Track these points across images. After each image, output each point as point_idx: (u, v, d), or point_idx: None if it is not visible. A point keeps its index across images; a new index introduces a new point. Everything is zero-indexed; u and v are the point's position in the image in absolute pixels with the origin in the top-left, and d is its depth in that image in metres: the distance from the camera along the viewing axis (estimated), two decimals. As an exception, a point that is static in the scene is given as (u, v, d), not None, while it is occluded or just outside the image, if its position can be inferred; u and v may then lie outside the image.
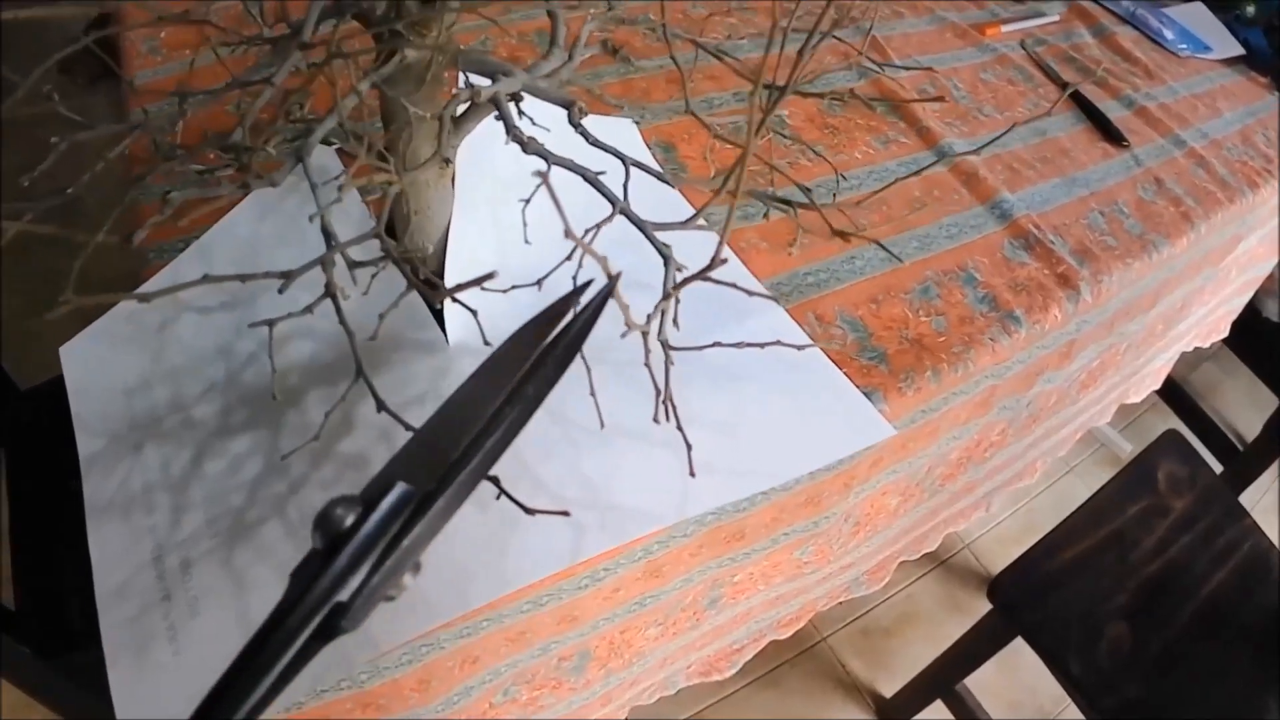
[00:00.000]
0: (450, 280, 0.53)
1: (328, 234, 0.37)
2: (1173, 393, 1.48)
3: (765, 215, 0.69)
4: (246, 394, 0.55)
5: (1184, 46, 1.05)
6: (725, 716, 1.15)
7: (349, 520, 0.28)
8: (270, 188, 0.38)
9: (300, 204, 0.59)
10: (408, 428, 0.40)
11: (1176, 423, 1.46)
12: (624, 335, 0.33)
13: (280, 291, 0.36)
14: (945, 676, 1.04)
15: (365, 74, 0.40)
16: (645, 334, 0.35)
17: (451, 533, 0.50)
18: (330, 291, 0.36)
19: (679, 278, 0.38)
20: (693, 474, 0.42)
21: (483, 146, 0.51)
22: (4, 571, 0.78)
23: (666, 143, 0.76)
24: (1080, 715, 0.90)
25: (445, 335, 0.55)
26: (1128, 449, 1.54)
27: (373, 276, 0.39)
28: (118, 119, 0.50)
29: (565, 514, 0.34)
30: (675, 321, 0.37)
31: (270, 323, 0.38)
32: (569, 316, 0.32)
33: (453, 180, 0.52)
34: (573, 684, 0.64)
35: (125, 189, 0.59)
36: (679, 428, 0.38)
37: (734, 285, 0.38)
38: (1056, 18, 1.05)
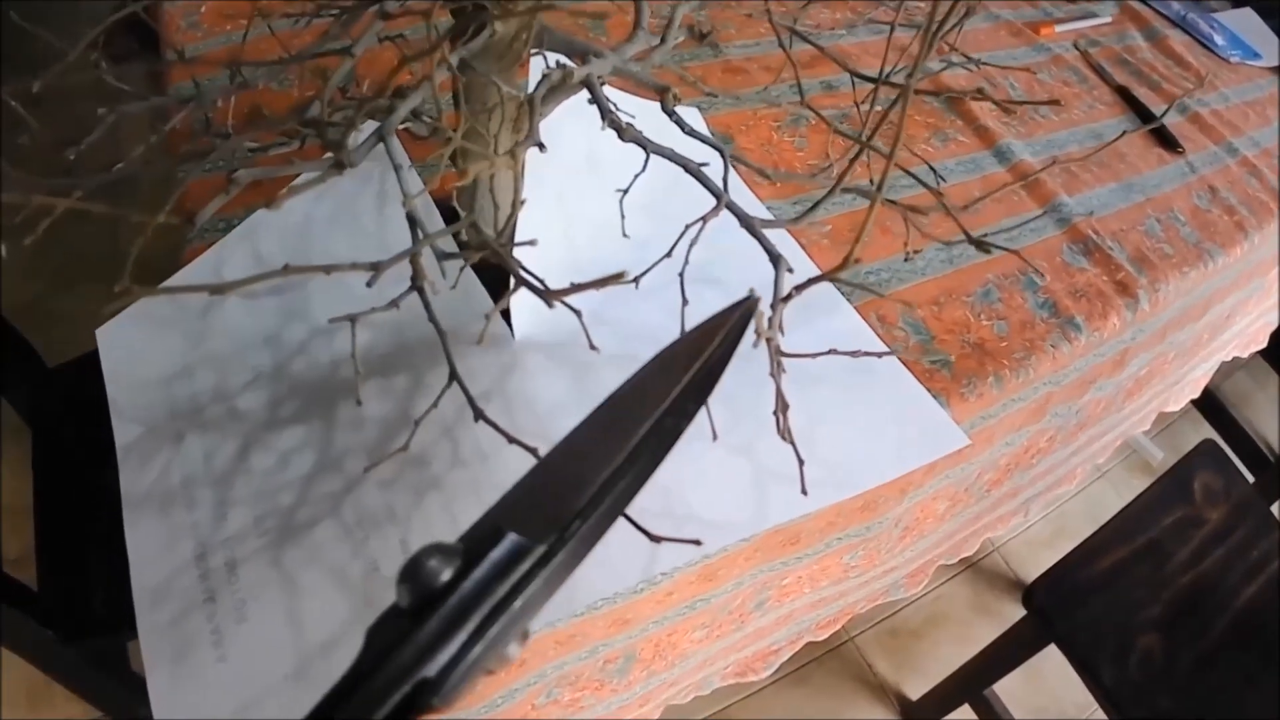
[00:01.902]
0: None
1: (414, 223, 0.34)
2: (1205, 401, 1.46)
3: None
4: (296, 384, 0.52)
5: (1235, 53, 1.03)
6: (751, 713, 1.13)
7: (445, 575, 0.23)
8: (334, 167, 0.35)
9: (357, 184, 0.56)
10: (511, 439, 0.37)
11: (1207, 430, 1.45)
12: (755, 345, 0.30)
13: (369, 285, 0.33)
14: (974, 681, 1.03)
15: (452, 48, 0.38)
16: (771, 342, 0.33)
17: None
18: (418, 285, 0.34)
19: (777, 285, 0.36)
20: (804, 491, 0.40)
21: (554, 129, 0.49)
22: (26, 549, 0.75)
23: (725, 132, 0.74)
24: (1108, 724, 0.89)
25: (511, 329, 0.53)
26: (1159, 456, 1.53)
27: (461, 270, 0.36)
28: (154, 91, 0.47)
29: (697, 543, 0.31)
30: (781, 328, 0.35)
31: (352, 318, 0.35)
32: (715, 341, 0.28)
33: (522, 163, 0.50)
34: (615, 685, 0.62)
35: (169, 164, 0.56)
36: (791, 441, 0.35)
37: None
38: (1109, 19, 1.03)
